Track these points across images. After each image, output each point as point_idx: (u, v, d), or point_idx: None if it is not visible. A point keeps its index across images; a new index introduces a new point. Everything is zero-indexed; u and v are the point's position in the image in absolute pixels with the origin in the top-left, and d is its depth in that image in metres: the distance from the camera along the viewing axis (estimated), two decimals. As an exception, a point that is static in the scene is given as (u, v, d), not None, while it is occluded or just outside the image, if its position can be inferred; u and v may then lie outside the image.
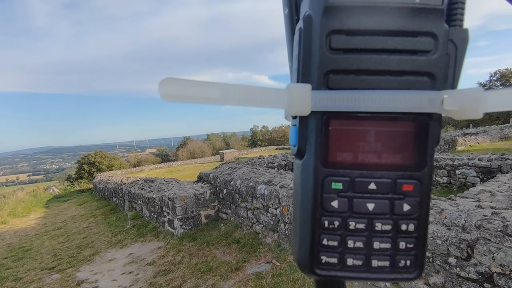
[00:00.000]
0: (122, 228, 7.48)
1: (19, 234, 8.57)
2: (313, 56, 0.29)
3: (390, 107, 0.28)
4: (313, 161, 0.30)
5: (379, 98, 0.28)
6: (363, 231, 0.30)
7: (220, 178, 6.27)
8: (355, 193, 0.30)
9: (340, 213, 0.30)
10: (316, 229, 0.30)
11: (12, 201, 13.02)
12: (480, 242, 2.48)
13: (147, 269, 4.84)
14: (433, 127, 0.29)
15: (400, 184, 0.29)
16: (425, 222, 0.30)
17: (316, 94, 0.28)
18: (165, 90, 0.27)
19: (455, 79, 0.29)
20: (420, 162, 0.29)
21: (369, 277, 0.31)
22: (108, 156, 36.04)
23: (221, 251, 4.88)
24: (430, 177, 0.30)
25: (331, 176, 0.30)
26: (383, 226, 0.30)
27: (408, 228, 0.30)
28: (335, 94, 0.28)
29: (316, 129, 0.30)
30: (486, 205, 2.90)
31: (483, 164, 6.33)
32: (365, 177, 0.30)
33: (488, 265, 2.44)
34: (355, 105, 0.28)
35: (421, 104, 0.27)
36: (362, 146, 0.29)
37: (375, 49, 0.28)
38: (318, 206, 0.30)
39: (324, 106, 0.28)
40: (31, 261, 6.10)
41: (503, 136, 15.62)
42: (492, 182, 4.78)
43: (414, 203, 0.30)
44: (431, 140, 0.29)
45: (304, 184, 0.31)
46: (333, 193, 0.30)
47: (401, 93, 0.28)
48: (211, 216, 6.25)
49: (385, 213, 0.30)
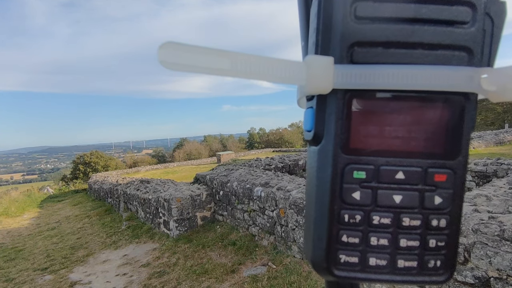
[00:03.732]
0: (117, 229, 7.41)
1: (12, 234, 8.45)
2: (335, 26, 0.25)
3: (422, 85, 0.24)
4: (332, 147, 0.27)
5: (410, 74, 0.24)
6: (388, 227, 0.27)
7: (217, 179, 6.24)
8: (380, 184, 0.27)
9: (363, 206, 0.27)
10: (335, 225, 0.27)
11: (6, 201, 12.85)
12: (477, 246, 2.48)
13: (142, 271, 4.78)
14: (469, 109, 0.26)
15: (432, 174, 0.26)
16: (458, 218, 0.27)
17: (339, 69, 0.25)
18: (166, 55, 0.24)
19: (492, 57, 0.26)
20: (454, 149, 0.26)
21: (394, 279, 0.27)
22: (104, 156, 35.83)
23: (217, 253, 4.84)
24: (464, 167, 0.27)
25: (353, 164, 0.27)
26: (411, 221, 0.27)
27: (440, 224, 0.27)
28: (360, 70, 0.25)
29: (337, 110, 0.26)
30: (482, 209, 2.90)
31: (479, 169, 6.37)
32: (392, 165, 0.27)
33: (485, 270, 2.44)
34: (383, 82, 0.25)
35: (458, 81, 0.24)
36: (389, 130, 0.26)
37: (406, 18, 0.25)
38: (337, 198, 0.27)
39: (348, 83, 0.25)
40: (23, 261, 6.01)
41: (498, 141, 15.76)
42: (488, 186, 4.80)
43: (447, 195, 0.27)
44: (466, 125, 0.26)
45: (321, 173, 0.28)
46: (354, 183, 0.27)
47: (436, 69, 0.24)
48: (207, 218, 6.20)
49: (414, 206, 0.27)
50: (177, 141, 60.36)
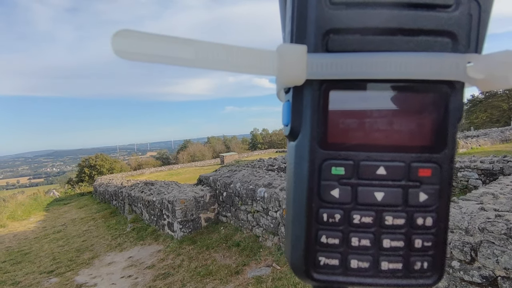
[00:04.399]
0: (122, 231, 7.44)
1: (18, 238, 8.53)
2: (310, 13, 0.24)
3: (403, 73, 0.23)
4: (308, 142, 0.25)
5: (390, 62, 0.23)
6: (370, 226, 0.25)
7: (220, 181, 6.24)
8: (361, 180, 0.25)
9: (342, 204, 0.25)
10: (313, 224, 0.26)
11: (12, 204, 12.98)
12: (483, 245, 2.45)
13: (147, 273, 4.79)
14: (454, 99, 0.24)
15: (416, 169, 0.25)
16: (446, 215, 0.26)
17: (312, 58, 0.23)
18: (121, 44, 0.21)
19: (479, 43, 0.24)
20: (439, 142, 0.25)
21: (378, 283, 0.26)
22: (109, 159, 36.06)
23: (221, 255, 4.84)
24: (451, 161, 0.25)
25: (330, 159, 0.25)
26: (395, 220, 0.25)
27: (425, 223, 0.25)
28: (336, 58, 0.23)
29: (313, 102, 0.25)
30: (489, 207, 2.86)
31: (485, 167, 6.30)
32: (372, 160, 0.25)
33: (492, 269, 2.40)
34: (360, 71, 0.23)
35: (442, 69, 0.23)
36: (369, 122, 0.25)
37: (384, 3, 0.23)
38: (315, 196, 0.26)
39: (323, 73, 0.23)
40: (29, 264, 6.05)
41: (504, 138, 15.58)
42: (494, 184, 4.74)
43: (433, 191, 0.25)
44: (452, 115, 0.24)
45: (298, 170, 0.26)
46: (333, 180, 0.25)
47: (418, 56, 0.23)
48: (211, 219, 6.20)
49: (397, 204, 0.25)
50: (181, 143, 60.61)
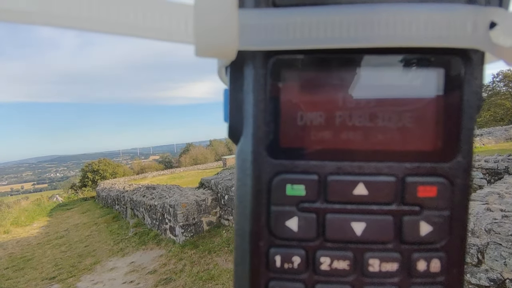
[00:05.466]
0: (124, 236, 7.41)
1: (21, 244, 8.53)
2: None
3: (392, 38, 0.15)
4: (251, 146, 0.17)
5: (371, 21, 0.15)
6: (346, 275, 0.17)
7: (222, 184, 6.20)
8: (330, 204, 0.18)
9: (304, 241, 0.18)
10: (261, 271, 0.18)
11: (16, 210, 13.02)
12: (490, 247, 2.39)
13: (148, 278, 4.75)
14: (471, 77, 0.16)
15: (413, 186, 0.17)
16: (460, 256, 0.18)
17: (249, 16, 0.15)
18: None
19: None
20: (448, 145, 0.17)
21: None
22: (111, 163, 36.17)
23: (223, 259, 4.79)
24: (467, 172, 0.17)
25: (284, 172, 0.18)
26: (384, 264, 0.17)
27: (430, 268, 0.17)
28: (288, 16, 0.15)
29: (256, 87, 0.17)
30: (495, 208, 2.80)
31: (490, 166, 6.22)
32: (347, 173, 0.17)
33: (500, 271, 2.34)
34: (327, 36, 0.15)
35: (452, 30, 0.15)
36: (342, 117, 0.17)
37: None
38: (262, 229, 0.18)
39: (267, 40, 0.15)
40: (32, 271, 6.04)
41: (509, 137, 15.42)
42: (500, 183, 4.67)
43: (440, 220, 0.17)
44: (467, 103, 0.16)
45: (240, 189, 0.18)
46: (289, 204, 0.18)
47: (414, 11, 0.15)
48: (213, 223, 6.16)
49: (386, 240, 0.17)
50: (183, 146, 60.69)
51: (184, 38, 0.16)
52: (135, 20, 0.15)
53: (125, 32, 0.15)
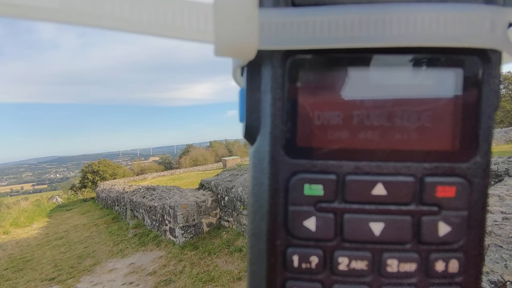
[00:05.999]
0: (124, 237, 7.40)
1: (21, 244, 8.51)
2: None
3: (410, 38, 0.15)
4: (269, 146, 0.17)
5: (389, 21, 0.15)
6: (364, 275, 0.17)
7: (222, 185, 6.20)
8: (348, 204, 0.17)
9: (322, 241, 0.18)
10: (278, 272, 0.18)
11: (15, 211, 13.00)
12: (491, 249, 2.38)
13: (148, 279, 4.74)
14: (489, 77, 0.16)
15: (432, 186, 0.17)
16: (478, 256, 0.17)
17: (268, 15, 0.15)
18: None
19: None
20: (466, 144, 0.17)
21: None
22: (111, 164, 36.16)
23: (223, 260, 4.78)
24: (485, 172, 0.17)
25: (302, 172, 0.17)
26: (402, 264, 0.17)
27: (449, 268, 0.17)
28: (307, 16, 0.15)
29: (274, 87, 0.17)
30: (495, 210, 2.80)
31: (490, 168, 6.23)
32: (365, 173, 0.17)
33: (500, 274, 2.33)
34: (346, 35, 0.15)
35: (470, 30, 0.15)
36: (360, 117, 0.17)
37: None
38: (280, 229, 0.18)
39: (286, 40, 0.15)
40: (31, 272, 6.03)
41: (509, 139, 15.44)
42: (500, 186, 4.66)
43: (458, 220, 0.17)
44: (485, 103, 0.16)
45: (256, 189, 0.18)
46: (307, 204, 0.18)
47: (432, 10, 0.15)
48: (212, 224, 6.15)
49: (405, 240, 0.17)
50: (183, 148, 60.70)
51: (203, 37, 0.16)
52: (155, 19, 0.15)
53: (146, 31, 0.15)
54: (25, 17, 0.15)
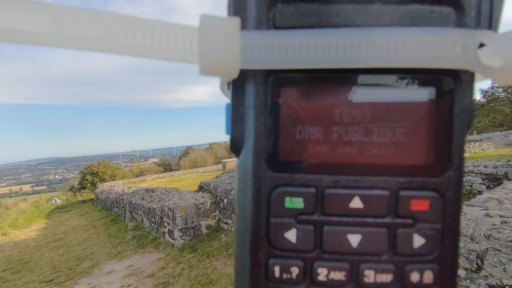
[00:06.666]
0: (122, 239, 7.38)
1: (19, 246, 8.48)
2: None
3: (386, 59, 0.16)
4: (252, 160, 0.18)
5: (365, 43, 0.16)
6: (342, 285, 0.18)
7: (221, 187, 6.19)
8: (327, 217, 0.18)
9: (302, 252, 0.18)
10: (260, 281, 0.18)
11: (14, 212, 12.96)
12: (490, 253, 2.38)
13: (146, 282, 4.72)
14: (461, 96, 0.17)
15: (406, 200, 0.18)
16: (452, 267, 0.18)
17: (250, 37, 0.16)
18: None
19: (494, 16, 0.17)
20: (440, 159, 0.17)
21: None
22: (111, 166, 36.13)
23: (222, 263, 4.77)
24: (458, 186, 0.17)
25: (283, 185, 0.18)
26: (378, 275, 0.18)
27: (423, 279, 0.18)
28: (287, 38, 0.16)
29: (257, 103, 0.18)
30: (494, 213, 2.80)
31: (489, 171, 6.23)
32: (343, 186, 0.18)
33: (499, 277, 2.33)
34: (324, 56, 0.16)
35: (442, 53, 0.16)
36: (338, 132, 0.18)
37: None
38: (262, 240, 0.18)
39: (267, 60, 0.16)
40: (29, 273, 6.00)
41: (508, 142, 15.46)
42: (499, 189, 4.67)
43: (432, 233, 0.18)
44: (458, 120, 0.17)
45: (241, 201, 0.19)
46: (288, 216, 0.18)
47: (406, 33, 0.16)
48: (211, 226, 6.14)
49: (381, 251, 0.18)
50: (183, 149, 60.65)
51: (189, 58, 0.17)
52: (142, 41, 0.16)
53: (133, 53, 0.16)
54: (16, 41, 0.15)
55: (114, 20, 0.15)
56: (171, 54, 0.16)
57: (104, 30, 0.15)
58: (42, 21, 0.15)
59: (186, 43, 0.16)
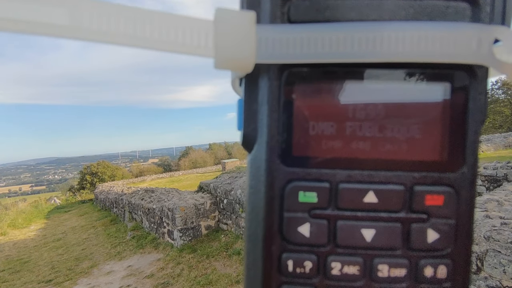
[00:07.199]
0: (122, 240, 7.37)
1: (18, 246, 8.47)
2: None
3: (400, 54, 0.16)
4: (265, 155, 0.18)
5: (380, 38, 0.16)
6: (356, 279, 0.18)
7: (221, 188, 6.19)
8: (341, 211, 0.18)
9: (315, 246, 0.18)
10: (273, 276, 0.18)
11: (13, 212, 12.94)
12: (490, 254, 2.38)
13: (146, 282, 4.71)
14: (475, 92, 0.17)
15: (421, 195, 0.18)
16: (466, 263, 0.18)
17: (265, 31, 0.16)
18: None
19: (508, 11, 0.17)
20: (454, 155, 0.17)
21: None
22: (110, 166, 36.09)
23: (221, 263, 4.76)
24: (472, 182, 0.17)
25: (297, 180, 0.18)
26: (392, 270, 0.18)
27: (437, 274, 0.18)
28: (302, 32, 0.16)
29: (270, 98, 0.18)
30: (494, 215, 2.80)
31: (489, 173, 6.22)
32: (357, 181, 0.18)
33: (499, 279, 2.33)
34: (339, 51, 0.16)
35: (457, 48, 0.15)
36: (352, 128, 0.18)
37: None
38: (275, 235, 0.18)
39: (282, 54, 0.16)
40: (28, 273, 5.99)
41: (508, 144, 15.47)
42: (499, 191, 4.67)
43: (446, 228, 0.18)
44: (472, 117, 0.17)
45: (253, 196, 0.19)
46: (301, 210, 0.18)
47: (421, 28, 0.15)
48: (211, 227, 6.13)
49: (395, 246, 0.18)
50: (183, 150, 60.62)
51: (204, 52, 0.16)
52: (159, 35, 0.16)
53: (149, 46, 0.16)
54: (35, 33, 0.15)
55: (129, 13, 0.15)
56: (186, 48, 0.16)
57: (121, 24, 0.15)
58: (61, 14, 0.15)
59: (201, 37, 0.16)
